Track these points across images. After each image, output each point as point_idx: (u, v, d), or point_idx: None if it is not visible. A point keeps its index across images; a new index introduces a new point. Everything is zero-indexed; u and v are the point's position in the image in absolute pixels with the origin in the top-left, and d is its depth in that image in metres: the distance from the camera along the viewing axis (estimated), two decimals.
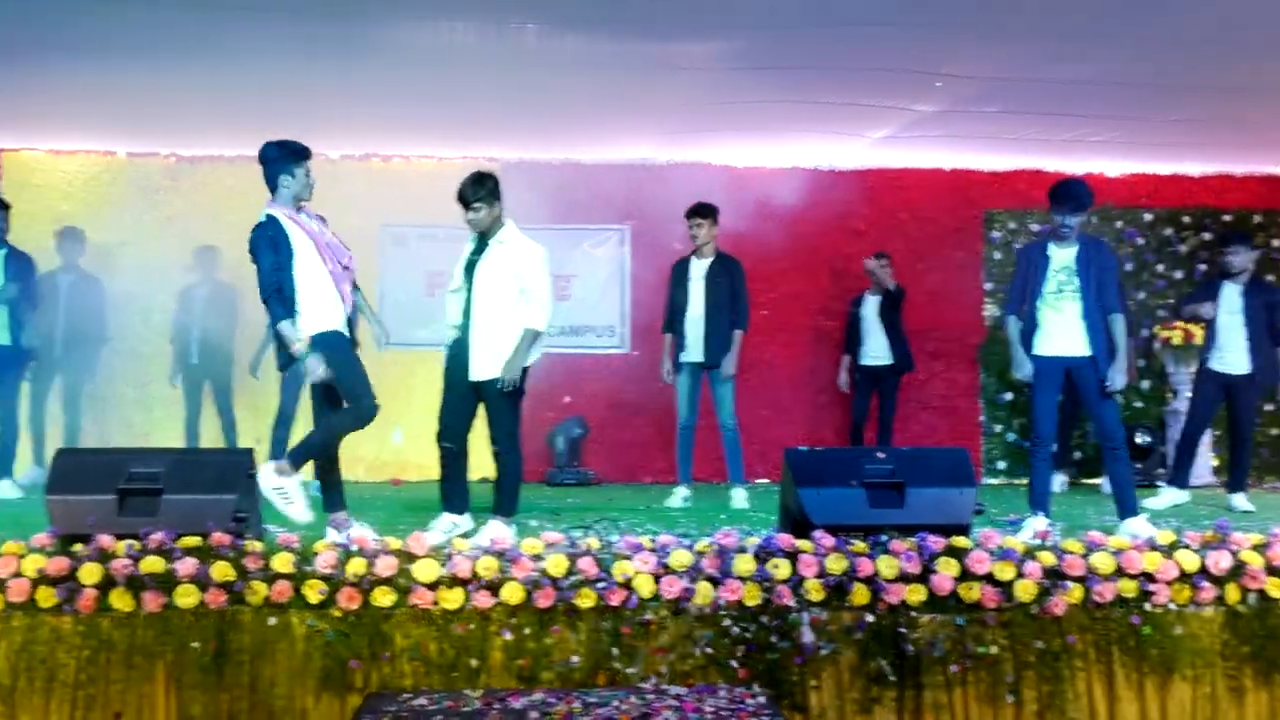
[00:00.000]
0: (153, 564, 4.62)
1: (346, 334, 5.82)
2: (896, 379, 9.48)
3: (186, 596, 4.59)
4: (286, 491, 5.54)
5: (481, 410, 6.17)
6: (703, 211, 8.05)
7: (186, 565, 4.62)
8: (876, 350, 9.45)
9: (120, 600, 4.60)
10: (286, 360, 5.74)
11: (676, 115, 8.92)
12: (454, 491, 6.20)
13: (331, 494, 5.95)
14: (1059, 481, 9.46)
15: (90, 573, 4.61)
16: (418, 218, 10.11)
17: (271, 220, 5.72)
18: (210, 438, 9.35)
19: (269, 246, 5.62)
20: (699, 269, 8.07)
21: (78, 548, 4.74)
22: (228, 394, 9.25)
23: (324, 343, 5.67)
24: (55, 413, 9.23)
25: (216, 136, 9.83)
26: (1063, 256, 6.41)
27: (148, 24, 6.97)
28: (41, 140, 9.99)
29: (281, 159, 5.79)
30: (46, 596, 4.59)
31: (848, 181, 10.38)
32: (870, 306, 9.48)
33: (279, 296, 5.58)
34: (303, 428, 9.03)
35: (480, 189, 6.08)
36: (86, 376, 9.25)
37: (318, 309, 5.71)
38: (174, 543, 4.73)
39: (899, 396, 9.57)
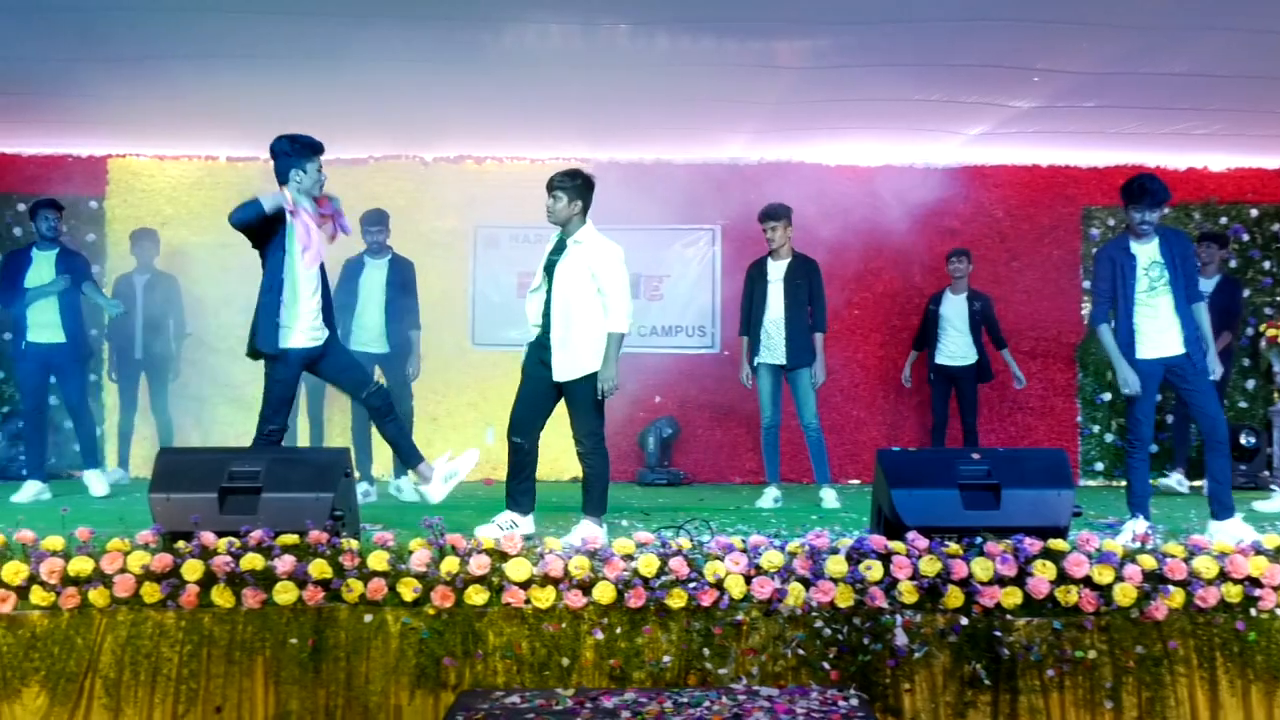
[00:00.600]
0: (253, 561, 4.71)
1: (309, 347, 6.06)
2: (974, 382, 9.31)
3: (285, 593, 4.67)
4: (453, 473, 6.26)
5: (562, 410, 6.20)
6: (775, 214, 8.00)
7: (285, 563, 4.70)
8: (952, 350, 9.30)
9: (221, 596, 4.69)
10: (254, 350, 5.98)
11: (768, 114, 8.89)
12: (520, 490, 6.21)
13: (405, 452, 6.33)
14: (1175, 479, 9.28)
15: (192, 569, 4.70)
16: (510, 219, 10.20)
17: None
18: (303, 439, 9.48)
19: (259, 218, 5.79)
20: (776, 270, 8.04)
21: (180, 544, 4.84)
22: (320, 398, 9.32)
23: (274, 361, 5.97)
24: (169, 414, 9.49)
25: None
26: (1147, 252, 6.29)
27: (248, 32, 7.12)
28: (147, 146, 10.26)
29: (294, 153, 5.88)
30: (151, 592, 4.68)
31: (942, 179, 10.25)
32: (950, 305, 9.33)
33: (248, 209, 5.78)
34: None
35: (567, 180, 6.08)
36: (170, 374, 9.45)
37: (293, 322, 5.96)
38: (273, 540, 4.81)
39: (980, 398, 9.42)
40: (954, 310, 9.30)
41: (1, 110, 9.03)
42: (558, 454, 8.53)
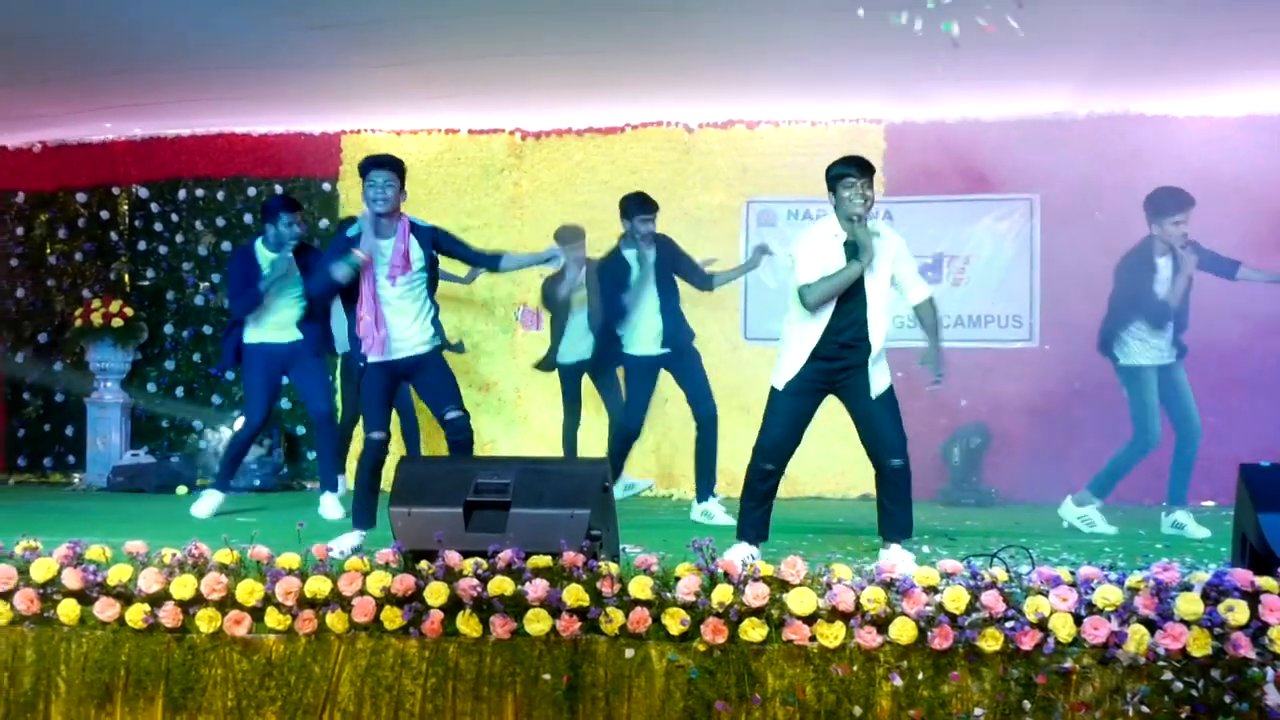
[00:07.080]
0: (502, 585, 4.83)
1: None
2: None
3: (537, 623, 4.78)
4: None
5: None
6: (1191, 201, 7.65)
7: (537, 587, 4.81)
8: None
9: (467, 624, 4.84)
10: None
11: (1099, 55, 8.59)
12: (763, 521, 6.33)
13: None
14: None
15: (436, 593, 4.86)
16: (788, 191, 10.23)
17: None
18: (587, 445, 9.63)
19: None
20: (1169, 265, 7.74)
21: (423, 565, 5.03)
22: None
23: None
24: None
25: (563, 108, 10.29)
26: None
27: None
28: (383, 119, 10.79)
29: None
30: (392, 617, 4.87)
31: None
32: None
33: None
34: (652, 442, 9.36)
35: (867, 163, 6.18)
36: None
37: None
38: (523, 562, 4.93)
39: None
40: None
41: (227, 87, 9.65)
42: (845, 467, 8.55)
